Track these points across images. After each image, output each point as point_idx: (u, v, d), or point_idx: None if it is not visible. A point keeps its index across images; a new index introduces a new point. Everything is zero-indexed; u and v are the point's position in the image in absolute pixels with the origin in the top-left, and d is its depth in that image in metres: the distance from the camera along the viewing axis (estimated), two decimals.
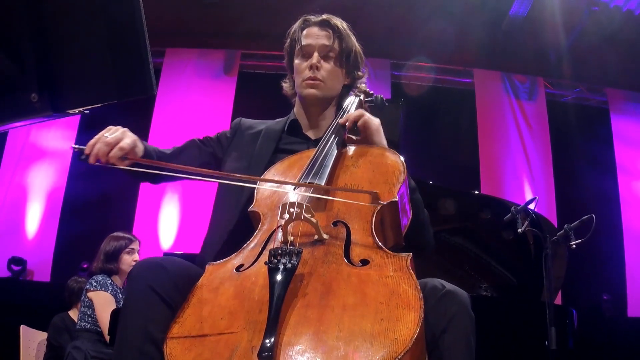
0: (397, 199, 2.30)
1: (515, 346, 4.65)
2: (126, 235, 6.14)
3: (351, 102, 3.00)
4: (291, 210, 2.10)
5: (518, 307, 4.98)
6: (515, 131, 11.63)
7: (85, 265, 9.28)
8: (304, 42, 2.93)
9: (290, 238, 2.08)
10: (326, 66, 2.89)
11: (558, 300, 7.98)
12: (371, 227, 2.18)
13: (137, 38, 1.29)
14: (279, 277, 1.87)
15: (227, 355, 1.75)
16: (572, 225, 4.57)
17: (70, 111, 1.35)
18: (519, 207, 4.59)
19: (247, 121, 3.09)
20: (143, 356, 1.92)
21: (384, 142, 2.71)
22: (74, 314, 6.41)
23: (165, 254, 7.96)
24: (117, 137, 2.39)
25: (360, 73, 3.07)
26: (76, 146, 2.40)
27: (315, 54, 2.88)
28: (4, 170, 10.81)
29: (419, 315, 1.76)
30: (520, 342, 4.68)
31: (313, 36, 2.92)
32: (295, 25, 3.01)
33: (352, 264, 2.01)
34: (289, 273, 1.89)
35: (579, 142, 11.51)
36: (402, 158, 2.52)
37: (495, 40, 11.14)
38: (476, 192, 8.28)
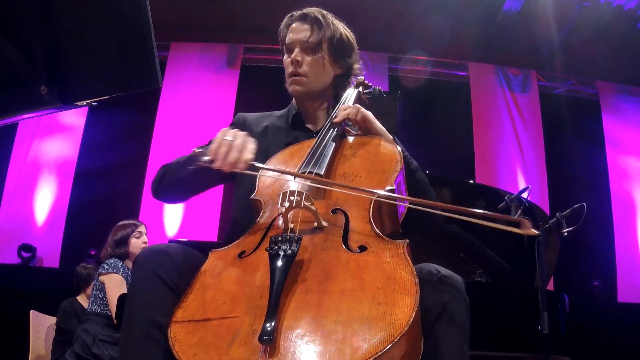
0: (394, 187, 2.30)
1: (509, 331, 4.66)
2: (131, 221, 6.17)
3: (349, 94, 2.97)
4: (291, 198, 2.11)
5: (512, 292, 4.99)
6: (509, 122, 11.65)
7: (93, 252, 9.31)
8: (287, 38, 2.88)
9: (291, 225, 2.08)
10: (308, 59, 2.83)
11: (550, 286, 7.99)
12: (369, 215, 2.18)
13: (143, 32, 1.29)
14: (279, 263, 1.87)
15: (229, 339, 1.76)
16: (563, 213, 4.57)
17: (79, 103, 1.35)
18: (512, 196, 4.59)
19: (249, 116, 3.04)
20: (149, 340, 1.93)
21: (382, 127, 2.69)
22: (82, 299, 6.44)
23: (171, 241, 7.98)
24: (243, 142, 2.32)
25: (351, 60, 2.96)
26: (198, 150, 2.37)
27: (297, 49, 2.82)
28: (14, 162, 10.82)
29: (415, 300, 1.76)
30: (513, 327, 4.69)
31: (294, 31, 2.86)
32: (282, 24, 2.95)
33: (351, 251, 2.01)
34: (289, 259, 1.90)
35: (570, 133, 11.54)
36: (399, 148, 2.52)
37: (490, 35, 11.14)
38: (471, 181, 8.29)
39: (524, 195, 4.68)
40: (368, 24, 10.52)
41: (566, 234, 4.53)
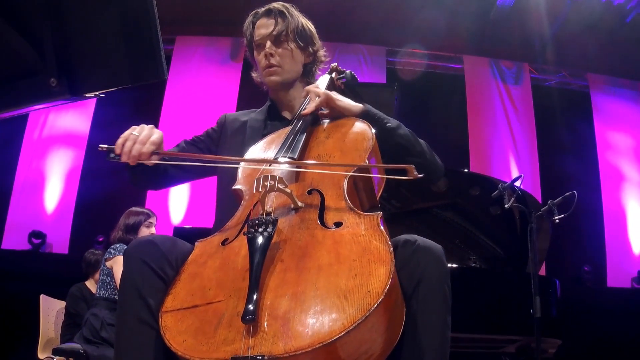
0: (367, 163, 2.34)
1: (502, 314, 4.67)
2: (145, 210, 6.22)
3: (322, 81, 3.03)
4: (265, 183, 2.14)
5: (505, 277, 5.00)
6: (502, 113, 11.66)
7: (100, 239, 9.35)
8: (256, 34, 2.93)
9: (269, 209, 2.12)
10: (280, 51, 2.89)
11: (542, 272, 8.00)
12: (344, 192, 2.21)
13: (149, 26, 1.29)
14: (256, 245, 1.91)
15: (215, 323, 1.81)
16: (555, 201, 4.58)
17: (87, 95, 1.35)
18: (505, 184, 4.60)
19: (230, 115, 3.11)
20: (142, 324, 1.98)
21: (349, 103, 2.72)
22: (90, 284, 6.47)
23: (176, 228, 8.00)
24: (147, 134, 2.40)
25: (315, 48, 3.03)
26: (104, 146, 2.38)
27: (268, 43, 2.87)
28: (24, 152, 10.82)
29: (390, 268, 1.79)
30: (506, 311, 4.70)
31: (262, 27, 2.91)
32: (247, 22, 3.01)
33: (326, 227, 2.05)
34: (266, 241, 1.93)
35: (561, 124, 11.55)
36: (370, 125, 2.55)
37: (484, 29, 11.16)
38: (466, 170, 8.29)
39: (517, 183, 4.69)
40: (366, 18, 10.55)
41: (557, 221, 4.54)
